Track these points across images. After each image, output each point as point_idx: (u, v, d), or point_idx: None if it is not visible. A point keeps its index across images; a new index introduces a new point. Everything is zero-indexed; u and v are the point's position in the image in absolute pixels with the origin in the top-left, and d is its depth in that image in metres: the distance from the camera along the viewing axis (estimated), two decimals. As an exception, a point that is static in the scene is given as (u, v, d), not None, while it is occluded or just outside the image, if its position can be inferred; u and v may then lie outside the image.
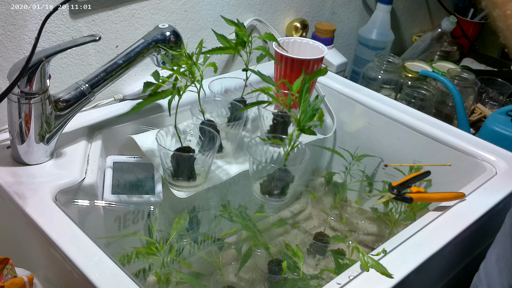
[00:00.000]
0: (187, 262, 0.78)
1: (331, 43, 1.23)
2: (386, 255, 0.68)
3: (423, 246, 0.69)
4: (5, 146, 0.78)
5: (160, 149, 0.76)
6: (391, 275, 0.63)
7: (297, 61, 0.93)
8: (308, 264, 0.94)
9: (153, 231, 0.74)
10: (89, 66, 0.89)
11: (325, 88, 1.11)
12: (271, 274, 0.84)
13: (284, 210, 1.04)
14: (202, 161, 0.78)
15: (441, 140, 0.95)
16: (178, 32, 0.83)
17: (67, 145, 0.81)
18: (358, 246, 0.69)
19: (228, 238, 0.91)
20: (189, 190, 0.79)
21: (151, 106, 0.90)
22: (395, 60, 1.24)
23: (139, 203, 0.79)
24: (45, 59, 0.69)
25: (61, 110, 0.75)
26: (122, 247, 0.73)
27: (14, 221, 0.72)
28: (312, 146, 1.01)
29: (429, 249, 0.69)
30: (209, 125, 0.81)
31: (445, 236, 0.71)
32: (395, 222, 0.94)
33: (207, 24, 1.04)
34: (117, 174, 0.82)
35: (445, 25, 1.41)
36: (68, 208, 0.73)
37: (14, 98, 0.71)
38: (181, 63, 0.74)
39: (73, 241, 0.64)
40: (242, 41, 0.83)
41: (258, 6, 1.12)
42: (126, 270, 0.61)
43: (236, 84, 0.98)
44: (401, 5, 1.52)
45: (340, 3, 1.32)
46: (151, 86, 0.73)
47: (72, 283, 0.64)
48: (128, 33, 0.91)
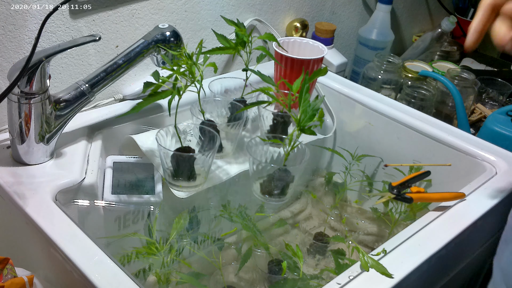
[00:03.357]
0: (187, 262, 0.78)
1: (331, 43, 1.23)
2: (386, 255, 0.68)
3: (423, 246, 0.69)
4: (5, 146, 0.78)
5: (160, 149, 0.76)
6: (391, 275, 0.63)
7: (297, 61, 0.93)
8: (308, 264, 0.94)
9: (153, 231, 0.74)
10: (89, 66, 0.89)
11: (325, 88, 1.11)
12: (271, 274, 0.84)
13: (284, 210, 1.04)
14: (202, 161, 0.78)
15: (441, 140, 0.95)
16: (178, 32, 0.83)
17: (67, 145, 0.81)
18: (358, 246, 0.69)
19: (228, 238, 0.91)
20: (189, 190, 0.79)
21: (151, 106, 0.90)
22: (395, 60, 1.24)
23: (139, 203, 0.79)
24: (45, 59, 0.69)
25: (61, 110, 0.75)
26: (122, 247, 0.73)
27: (14, 221, 0.72)
28: (312, 146, 1.01)
29: (429, 249, 0.69)
30: (209, 125, 0.81)
31: (445, 236, 0.71)
32: (395, 222, 0.94)
33: (207, 24, 1.04)
34: (117, 174, 0.82)
35: (445, 25, 1.41)
36: (68, 208, 0.73)
37: (14, 98, 0.71)
38: (181, 63, 0.74)
39: (73, 241, 0.64)
40: (242, 41, 0.83)
41: (258, 6, 1.12)
42: (126, 270, 0.61)
43: (236, 84, 0.98)
44: (401, 5, 1.52)
45: (340, 3, 1.32)
46: (151, 86, 0.73)
47: (72, 283, 0.64)
48: (128, 33, 0.91)
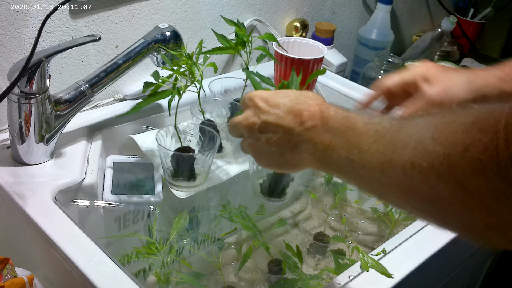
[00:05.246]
0: (187, 262, 0.78)
1: (331, 43, 1.23)
2: (386, 255, 0.68)
3: (423, 246, 0.69)
4: (5, 146, 0.78)
5: (160, 149, 0.76)
6: (391, 275, 0.63)
7: (297, 61, 0.93)
8: (308, 264, 0.94)
9: (153, 231, 0.74)
10: (89, 66, 0.89)
11: (325, 88, 1.11)
12: (271, 274, 0.84)
13: (284, 210, 1.04)
14: (202, 161, 0.78)
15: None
16: (178, 32, 0.83)
17: (67, 145, 0.81)
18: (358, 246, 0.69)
19: (228, 238, 0.91)
20: (189, 190, 0.79)
21: (151, 106, 0.90)
22: (395, 60, 1.24)
23: (139, 203, 0.79)
24: (45, 59, 0.69)
25: (61, 110, 0.75)
26: (122, 247, 0.73)
27: (14, 221, 0.72)
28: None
29: (429, 249, 0.69)
30: (209, 125, 0.81)
31: (445, 236, 0.71)
32: (395, 222, 0.94)
33: (207, 24, 1.04)
34: (117, 174, 0.82)
35: (445, 25, 1.41)
36: (68, 208, 0.73)
37: (14, 98, 0.71)
38: (181, 63, 0.74)
39: (73, 241, 0.64)
40: (242, 41, 0.83)
41: (258, 6, 1.12)
42: (126, 270, 0.61)
43: (236, 84, 0.98)
44: (401, 5, 1.52)
45: (340, 3, 1.32)
46: (151, 86, 0.73)
47: (72, 283, 0.64)
48: (128, 33, 0.91)
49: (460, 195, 0.35)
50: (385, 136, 0.42)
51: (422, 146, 0.38)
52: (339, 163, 0.47)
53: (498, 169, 0.33)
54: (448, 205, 0.36)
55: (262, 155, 0.59)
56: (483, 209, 0.34)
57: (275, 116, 0.55)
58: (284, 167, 0.57)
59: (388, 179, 0.41)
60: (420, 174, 0.37)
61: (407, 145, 0.39)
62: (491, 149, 0.33)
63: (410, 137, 0.39)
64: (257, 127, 0.57)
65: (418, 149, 0.38)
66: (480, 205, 0.34)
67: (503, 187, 0.33)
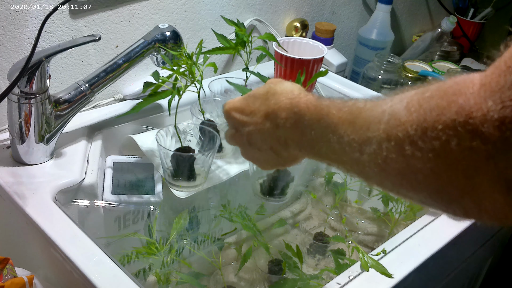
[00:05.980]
0: (187, 262, 0.78)
1: (331, 43, 1.23)
2: (386, 255, 0.68)
3: (423, 246, 0.69)
4: (5, 146, 0.78)
5: (160, 149, 0.76)
6: (391, 275, 0.63)
7: (297, 61, 0.93)
8: (308, 264, 0.94)
9: (153, 231, 0.74)
10: (89, 66, 0.89)
11: (325, 88, 1.11)
12: (271, 274, 0.84)
13: (284, 210, 1.04)
14: (202, 161, 0.78)
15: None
16: (178, 32, 0.83)
17: (67, 145, 0.81)
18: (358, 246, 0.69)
19: (228, 238, 0.91)
20: (189, 190, 0.79)
21: (151, 106, 0.90)
22: (395, 60, 1.24)
23: (139, 203, 0.79)
24: (45, 59, 0.69)
25: (61, 110, 0.75)
26: (122, 247, 0.73)
27: (14, 221, 0.72)
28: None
29: (429, 249, 0.69)
30: (209, 125, 0.81)
31: (445, 236, 0.71)
32: (395, 222, 0.94)
33: (207, 24, 1.04)
34: (117, 174, 0.82)
35: (445, 25, 1.41)
36: (68, 208, 0.73)
37: (14, 98, 0.71)
38: (181, 63, 0.74)
39: (73, 241, 0.64)
40: (242, 41, 0.83)
41: (258, 6, 1.12)
42: (126, 270, 0.61)
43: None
44: (401, 5, 1.52)
45: (340, 3, 1.32)
46: (151, 86, 0.73)
47: (72, 283, 0.64)
48: (128, 33, 0.91)
49: (434, 162, 0.35)
50: (359, 116, 0.42)
51: (396, 117, 0.37)
52: (323, 153, 0.47)
53: (473, 128, 0.32)
54: (424, 178, 0.36)
55: (261, 161, 0.60)
56: (459, 174, 0.34)
57: (254, 126, 0.56)
58: (287, 163, 0.58)
59: (367, 156, 0.40)
60: (395, 146, 0.37)
61: (381, 120, 0.39)
62: (466, 109, 0.33)
63: (384, 112, 0.39)
64: (245, 141, 0.58)
65: (392, 121, 0.38)
66: (456, 170, 0.34)
67: (478, 146, 0.32)
